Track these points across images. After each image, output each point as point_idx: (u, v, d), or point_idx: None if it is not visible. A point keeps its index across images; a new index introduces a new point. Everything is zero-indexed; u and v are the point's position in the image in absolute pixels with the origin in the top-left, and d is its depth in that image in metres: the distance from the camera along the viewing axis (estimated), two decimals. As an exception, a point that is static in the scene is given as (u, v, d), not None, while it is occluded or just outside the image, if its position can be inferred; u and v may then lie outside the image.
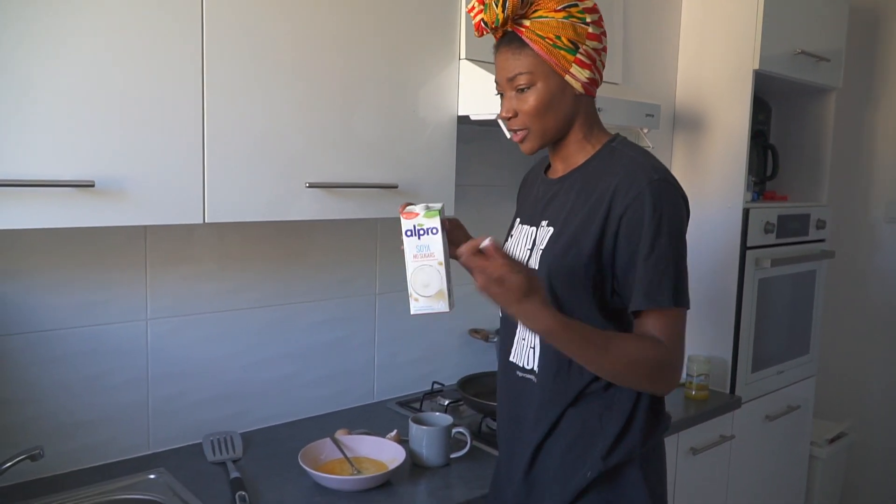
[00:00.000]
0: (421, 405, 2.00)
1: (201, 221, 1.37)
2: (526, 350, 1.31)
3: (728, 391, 2.33)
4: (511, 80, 1.23)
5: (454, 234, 1.36)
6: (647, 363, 1.15)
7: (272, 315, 1.85)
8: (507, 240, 1.41)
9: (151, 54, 1.28)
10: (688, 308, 1.19)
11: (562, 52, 1.19)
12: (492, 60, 1.79)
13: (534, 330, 1.13)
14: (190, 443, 1.71)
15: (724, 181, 2.32)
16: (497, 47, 1.26)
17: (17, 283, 1.47)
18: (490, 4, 1.19)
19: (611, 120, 1.91)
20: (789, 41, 2.35)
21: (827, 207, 2.69)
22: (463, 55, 1.75)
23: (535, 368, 1.28)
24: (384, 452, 1.62)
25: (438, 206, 1.22)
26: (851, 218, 3.13)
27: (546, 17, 1.19)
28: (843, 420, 3.11)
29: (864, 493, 3.15)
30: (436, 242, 1.24)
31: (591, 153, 1.28)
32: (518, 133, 1.27)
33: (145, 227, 1.61)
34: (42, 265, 1.50)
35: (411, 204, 1.26)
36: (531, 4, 1.20)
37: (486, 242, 1.08)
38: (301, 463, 1.52)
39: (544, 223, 1.29)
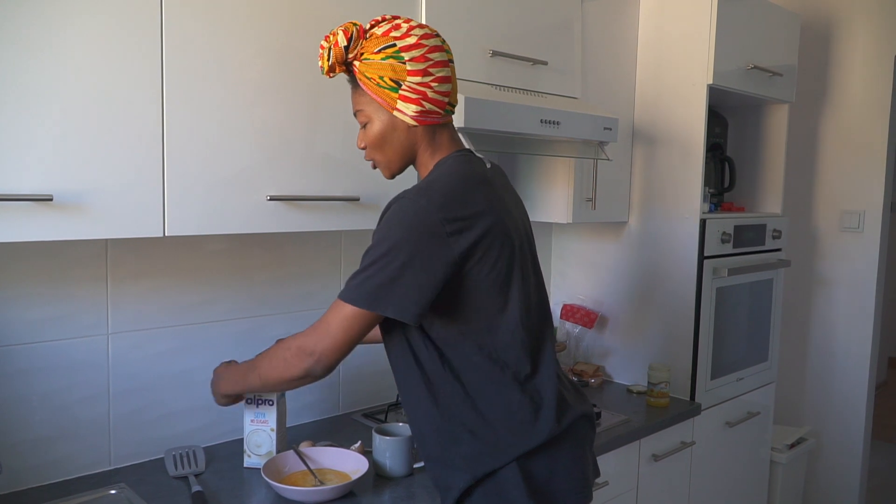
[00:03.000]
0: (386, 416, 2.01)
1: (161, 235, 1.37)
2: None
3: (688, 398, 2.37)
4: (355, 115, 1.37)
5: None
6: (276, 356, 1.35)
7: (236, 328, 1.86)
8: None
9: (111, 68, 1.28)
10: (355, 306, 1.25)
11: (385, 90, 1.30)
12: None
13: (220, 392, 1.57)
14: (152, 458, 1.70)
15: (681, 193, 2.37)
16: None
17: (-25, 298, 1.46)
18: (323, 53, 1.30)
19: (570, 133, 1.96)
20: (742, 57, 2.43)
21: (783, 218, 2.76)
22: (423, 70, 1.77)
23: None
24: (347, 463, 1.63)
25: None
26: (806, 228, 3.22)
27: (369, 58, 1.29)
28: (803, 425, 3.18)
29: (823, 496, 3.22)
30: (270, 412, 1.65)
31: None
32: (371, 162, 1.40)
33: (106, 240, 1.61)
34: (0, 280, 1.49)
35: None
36: (358, 48, 1.30)
37: None
38: (264, 475, 1.52)
39: None
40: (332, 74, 1.33)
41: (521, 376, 1.33)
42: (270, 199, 1.51)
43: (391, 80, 1.28)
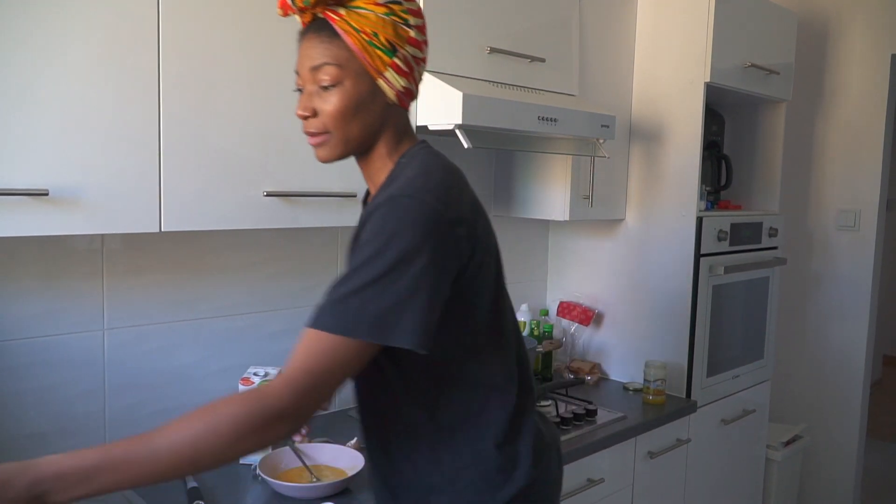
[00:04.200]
0: (382, 413, 2.01)
1: (157, 230, 1.37)
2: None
3: (684, 395, 2.38)
4: (315, 71, 1.06)
5: None
6: (227, 429, 0.93)
7: (232, 325, 1.85)
8: None
9: (107, 63, 1.28)
10: (354, 337, 0.96)
11: (378, 51, 1.05)
12: (450, 72, 1.83)
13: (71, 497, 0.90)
14: (148, 454, 1.70)
15: (678, 190, 2.37)
16: (303, 34, 1.09)
17: (-30, 293, 1.46)
18: None
19: (567, 130, 1.96)
20: (740, 55, 2.43)
21: (779, 216, 2.76)
22: (421, 66, 1.77)
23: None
24: (343, 460, 1.63)
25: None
26: (803, 226, 3.22)
27: (365, 9, 1.04)
28: (798, 423, 3.19)
29: (819, 494, 3.23)
30: None
31: (389, 172, 1.13)
32: (315, 137, 1.10)
33: (102, 235, 1.61)
34: (-5, 275, 1.48)
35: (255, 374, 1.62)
36: None
37: None
38: (260, 472, 1.52)
39: None
40: (304, 13, 1.06)
41: (508, 409, 1.15)
42: (267, 195, 1.51)
43: (388, 41, 1.05)
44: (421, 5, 1.74)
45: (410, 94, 1.12)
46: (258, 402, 0.94)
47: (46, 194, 1.22)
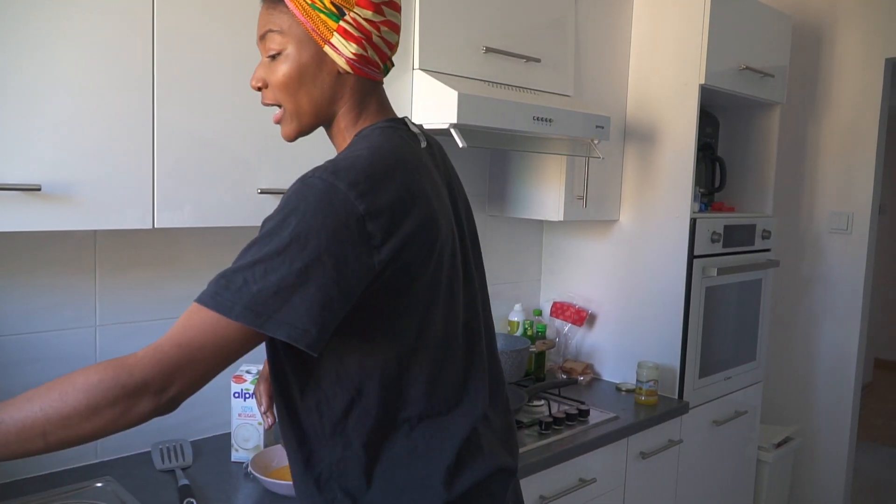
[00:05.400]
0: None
1: (151, 227, 1.37)
2: None
3: (676, 397, 2.38)
4: (262, 40, 1.02)
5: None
6: (75, 399, 0.84)
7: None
8: None
9: (101, 59, 1.27)
10: (230, 318, 0.86)
11: (322, 15, 0.98)
12: (446, 71, 1.83)
13: None
14: (139, 451, 1.70)
15: (672, 192, 2.38)
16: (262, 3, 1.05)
17: (-39, 288, 1.45)
18: None
19: (562, 131, 1.96)
20: (734, 57, 2.43)
21: (772, 218, 2.77)
22: (416, 65, 1.77)
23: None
24: (336, 458, 1.62)
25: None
26: (796, 228, 3.23)
27: None
28: (789, 425, 3.20)
29: (809, 495, 3.24)
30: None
31: None
32: (275, 113, 1.06)
33: (95, 232, 1.60)
34: (-13, 270, 1.48)
35: (248, 372, 1.63)
36: None
37: None
38: (251, 470, 1.52)
39: None
40: None
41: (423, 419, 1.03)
42: (261, 192, 1.51)
43: (333, 3, 0.98)
44: (417, 5, 1.75)
45: (367, 60, 1.02)
46: (116, 370, 0.85)
47: (39, 189, 1.21)
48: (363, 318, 0.96)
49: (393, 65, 1.09)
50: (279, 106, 1.05)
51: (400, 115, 1.13)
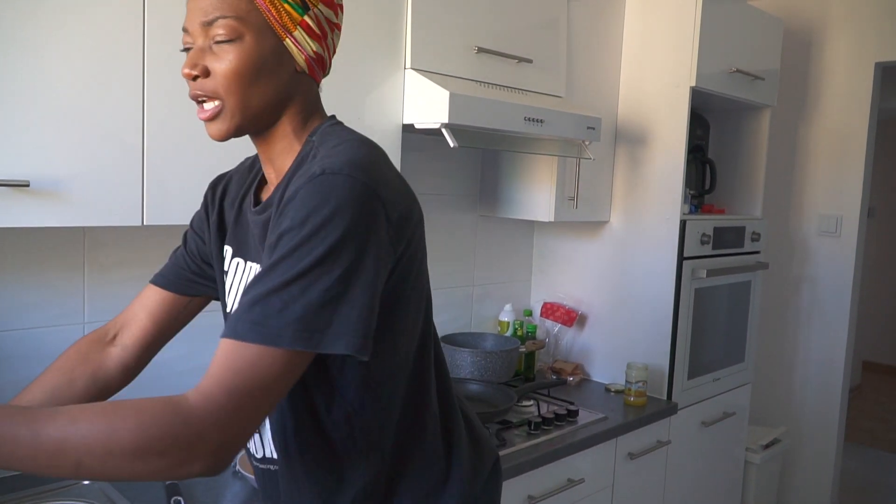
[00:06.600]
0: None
1: (140, 224, 1.36)
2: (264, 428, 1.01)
3: (665, 397, 2.39)
4: (209, 24, 0.88)
5: None
6: (128, 439, 0.74)
7: (212, 320, 1.84)
8: (219, 277, 1.12)
9: (92, 55, 1.27)
10: (282, 346, 0.79)
11: (287, 5, 0.89)
12: (438, 70, 1.83)
13: None
14: (127, 448, 1.69)
15: (662, 193, 2.39)
16: None
17: (-52, 284, 1.44)
18: None
19: (553, 132, 1.97)
20: (725, 60, 2.44)
21: (762, 220, 2.78)
22: (408, 65, 1.78)
23: (274, 454, 1.01)
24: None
25: None
26: (785, 231, 3.25)
27: None
28: (778, 426, 3.22)
29: (797, 497, 3.26)
30: None
31: (296, 154, 0.97)
32: (205, 106, 0.92)
33: (84, 228, 1.59)
34: (-26, 266, 1.47)
35: None
36: None
37: None
38: (239, 468, 1.51)
39: (254, 262, 1.00)
40: None
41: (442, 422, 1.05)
42: (251, 191, 1.50)
43: None
44: (409, 4, 1.75)
45: (322, 63, 0.96)
46: (171, 415, 0.76)
47: (27, 185, 1.20)
48: (385, 313, 0.91)
49: (329, 73, 1.01)
50: (214, 100, 0.90)
51: (391, 114, 1.11)
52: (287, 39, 0.91)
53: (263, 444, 1.03)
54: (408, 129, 1.82)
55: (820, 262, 3.18)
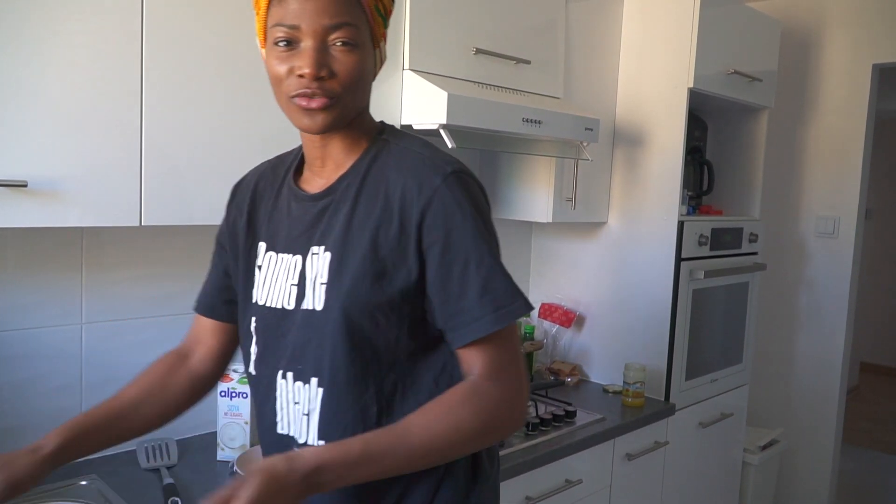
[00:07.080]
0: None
1: (138, 224, 1.36)
2: (299, 417, 1.04)
3: (663, 399, 2.39)
4: (335, 27, 0.94)
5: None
6: (470, 427, 0.96)
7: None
8: (246, 273, 1.13)
9: (90, 55, 1.27)
10: (523, 313, 1.02)
11: (380, 18, 1.00)
12: (436, 71, 1.83)
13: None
14: (124, 449, 1.68)
15: (660, 194, 2.39)
16: None
17: (-55, 284, 1.44)
18: None
19: (551, 133, 1.97)
20: (723, 61, 2.45)
21: (759, 222, 2.79)
22: (406, 66, 1.78)
23: (318, 441, 1.03)
24: (322, 458, 1.62)
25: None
26: (782, 232, 3.25)
27: None
28: (775, 427, 3.22)
29: (794, 498, 3.26)
30: (244, 405, 1.61)
31: (361, 152, 1.04)
32: (317, 99, 0.95)
33: (82, 228, 1.59)
34: (-28, 267, 1.47)
35: (234, 371, 1.60)
36: None
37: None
38: (237, 469, 1.51)
39: (317, 249, 1.03)
40: None
41: None
42: (249, 191, 1.50)
43: (386, 9, 1.01)
44: (407, 5, 1.75)
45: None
46: (488, 400, 0.97)
47: (25, 186, 1.20)
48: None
49: None
50: (327, 98, 0.96)
51: (389, 115, 1.17)
52: (377, 49, 1.01)
53: (308, 430, 1.04)
54: (405, 129, 1.82)
55: (817, 264, 3.18)
